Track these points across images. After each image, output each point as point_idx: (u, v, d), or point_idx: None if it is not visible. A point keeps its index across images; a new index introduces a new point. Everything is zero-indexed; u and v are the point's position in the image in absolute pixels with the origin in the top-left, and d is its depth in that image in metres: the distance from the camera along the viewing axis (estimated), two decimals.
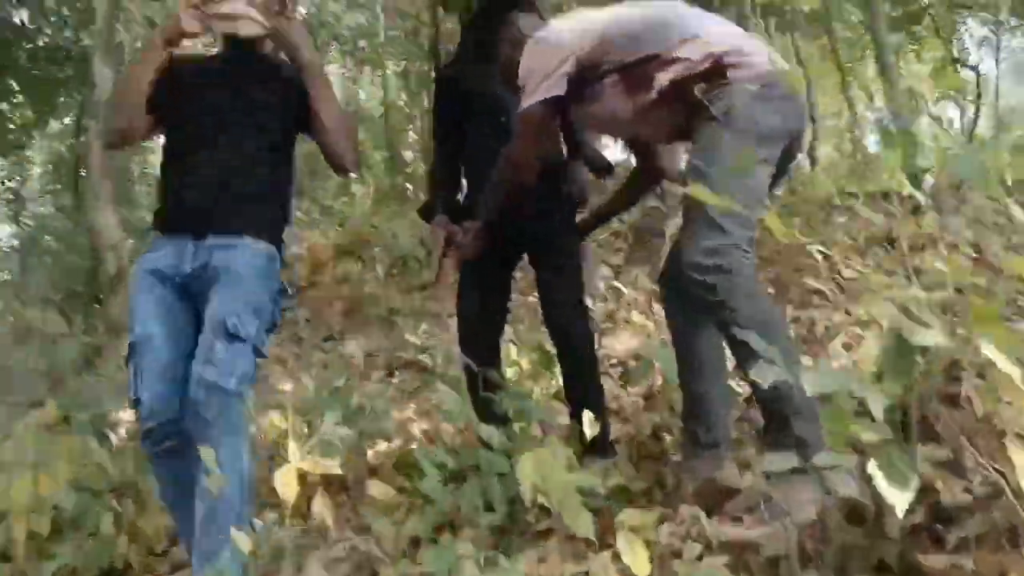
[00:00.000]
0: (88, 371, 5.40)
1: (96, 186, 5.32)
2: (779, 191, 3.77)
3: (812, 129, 16.98)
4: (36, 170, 19.36)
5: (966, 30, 16.53)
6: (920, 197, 1.29)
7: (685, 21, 1.86)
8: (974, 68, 15.88)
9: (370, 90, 23.55)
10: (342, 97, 23.93)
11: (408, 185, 14.36)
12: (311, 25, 16.45)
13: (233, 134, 1.98)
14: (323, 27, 16.76)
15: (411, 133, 21.61)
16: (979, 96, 15.47)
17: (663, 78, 1.82)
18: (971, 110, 16.75)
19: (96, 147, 5.27)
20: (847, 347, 2.87)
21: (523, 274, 4.14)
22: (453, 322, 5.78)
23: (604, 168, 2.57)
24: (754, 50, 1.82)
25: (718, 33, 1.85)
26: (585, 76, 1.92)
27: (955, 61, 15.61)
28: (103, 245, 5.32)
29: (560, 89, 1.89)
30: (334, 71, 22.38)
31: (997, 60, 16.59)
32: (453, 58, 2.63)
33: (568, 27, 1.99)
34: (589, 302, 2.51)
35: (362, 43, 17.74)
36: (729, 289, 1.63)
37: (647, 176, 2.46)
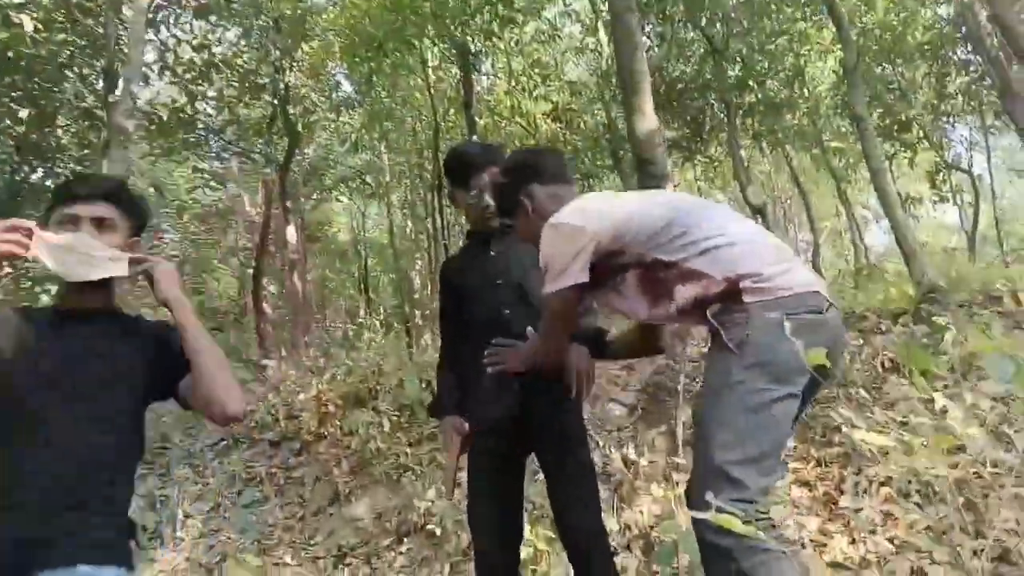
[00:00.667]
0: None
1: None
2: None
3: (813, 233, 17.23)
4: None
5: (956, 134, 16.93)
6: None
7: (707, 225, 1.76)
8: (967, 171, 16.19)
9: (376, 220, 24.18)
10: (351, 227, 24.62)
11: (418, 321, 14.50)
12: (318, 168, 17.05)
13: (75, 416, 1.55)
14: (330, 168, 17.29)
15: (417, 259, 22.01)
16: (977, 196, 15.68)
17: (681, 293, 1.73)
18: (970, 211, 16.97)
19: None
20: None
21: None
22: (463, 476, 5.59)
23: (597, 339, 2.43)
24: (777, 268, 1.69)
25: (741, 245, 1.74)
26: (605, 263, 1.83)
27: (948, 165, 15.94)
28: None
29: (585, 276, 1.80)
30: (343, 207, 23.12)
31: (989, 160, 16.88)
32: (456, 253, 2.58)
33: (588, 208, 1.90)
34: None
35: (368, 178, 18.27)
36: (741, 551, 1.45)
37: (647, 346, 2.32)
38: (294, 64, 13.76)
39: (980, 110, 15.41)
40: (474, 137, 11.77)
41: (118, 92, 7.48)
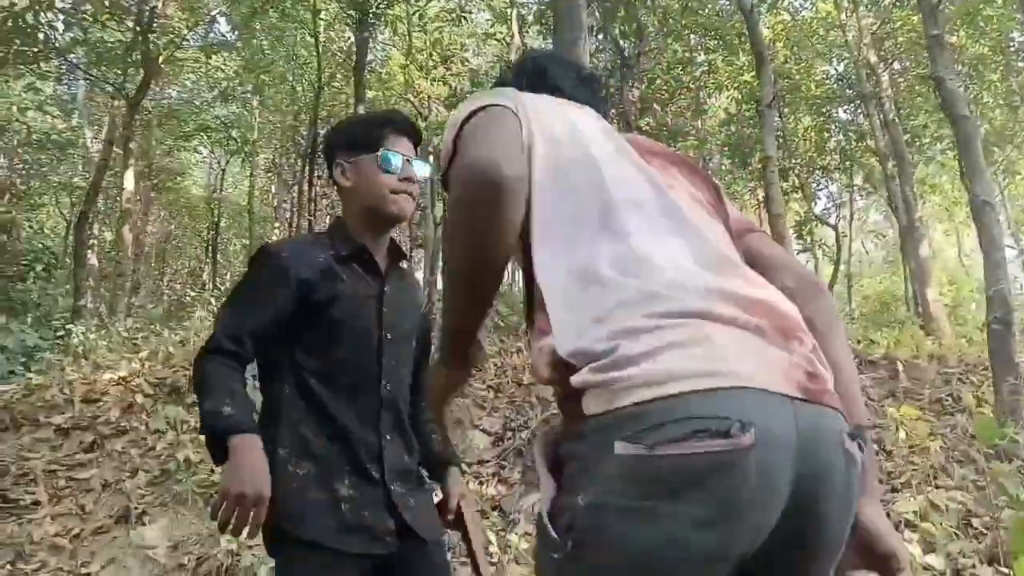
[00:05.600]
0: None
1: None
2: None
3: None
4: None
5: (826, 190, 17.76)
6: None
7: (611, 234, 1.00)
8: (833, 226, 16.97)
9: (236, 179, 22.43)
10: (207, 183, 22.61)
11: None
12: (179, 112, 15.33)
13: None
14: (193, 115, 15.56)
15: (276, 228, 20.66)
16: (839, 251, 16.45)
17: (535, 340, 1.01)
18: (827, 264, 17.84)
19: None
20: None
21: None
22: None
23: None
24: (666, 335, 0.87)
25: (630, 281, 0.94)
26: None
27: (816, 218, 16.61)
28: None
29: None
30: (201, 159, 21.17)
31: (851, 219, 17.84)
32: (316, 251, 1.71)
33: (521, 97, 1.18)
34: None
35: (234, 133, 16.68)
36: None
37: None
38: None
39: (851, 170, 16.16)
40: (360, 107, 10.77)
41: None
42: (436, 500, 1.79)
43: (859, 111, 13.81)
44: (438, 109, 13.37)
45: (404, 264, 1.86)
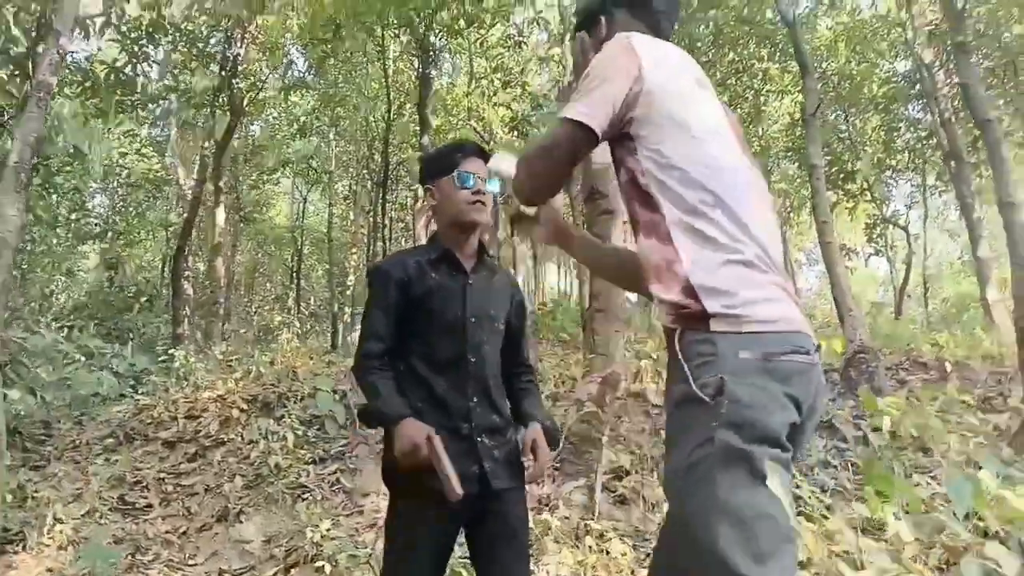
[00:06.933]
0: None
1: None
2: None
3: None
4: None
5: (897, 190, 17.33)
6: None
7: (729, 211, 1.41)
8: (904, 227, 16.56)
9: (316, 207, 23.52)
10: (290, 213, 23.77)
11: (346, 318, 13.94)
12: (262, 147, 16.34)
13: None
14: (275, 149, 16.59)
15: (354, 253, 21.45)
16: (910, 255, 16.03)
17: (642, 246, 1.45)
18: (899, 267, 17.41)
19: None
20: None
21: None
22: (367, 502, 5.20)
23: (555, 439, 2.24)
24: (761, 293, 1.36)
25: (743, 256, 1.38)
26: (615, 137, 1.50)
27: (885, 220, 16.26)
28: None
29: (598, 123, 1.45)
30: (284, 190, 22.34)
31: (925, 219, 17.34)
32: (412, 261, 2.18)
33: (668, 55, 1.54)
34: None
35: (313, 164, 17.65)
36: None
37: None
38: (247, 36, 13.13)
39: (923, 169, 15.78)
40: (425, 136, 11.39)
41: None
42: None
43: (926, 110, 13.56)
44: (501, 132, 13.90)
45: (490, 261, 2.28)
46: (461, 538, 2.15)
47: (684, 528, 1.27)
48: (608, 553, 3.18)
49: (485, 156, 2.22)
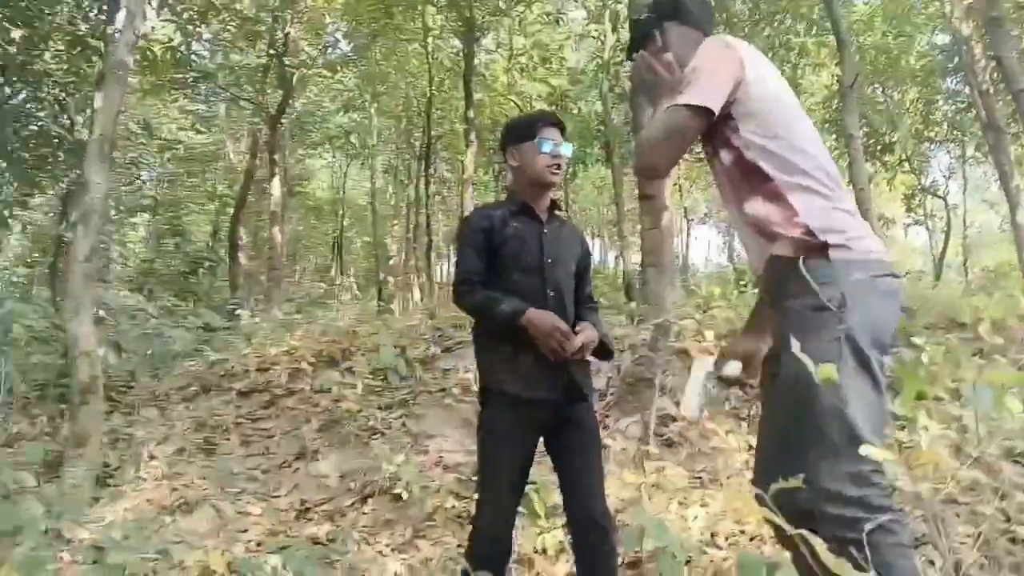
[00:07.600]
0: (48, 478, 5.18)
1: (75, 291, 5.20)
2: None
3: None
4: (13, 240, 19.23)
5: (935, 161, 17.28)
6: None
7: (824, 175, 1.75)
8: (943, 197, 16.57)
9: (356, 181, 24.01)
10: (331, 185, 24.33)
11: (391, 288, 14.43)
12: (306, 123, 16.84)
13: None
14: (318, 124, 17.08)
15: (395, 225, 21.90)
16: (949, 223, 16.06)
17: (754, 209, 1.77)
18: (938, 236, 17.39)
19: (79, 250, 5.18)
20: None
21: None
22: (432, 443, 5.66)
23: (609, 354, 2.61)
24: (860, 231, 1.71)
25: (836, 203, 1.73)
26: (716, 124, 1.80)
27: (924, 190, 16.29)
28: (77, 350, 5.18)
29: (715, 104, 1.74)
30: (325, 164, 22.88)
31: (965, 190, 17.30)
32: (497, 213, 2.54)
33: (755, 55, 1.87)
34: None
35: (354, 138, 18.11)
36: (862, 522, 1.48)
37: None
38: (294, 15, 13.56)
39: (962, 140, 15.76)
40: (470, 111, 11.75)
41: (118, 24, 7.33)
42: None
43: (964, 82, 13.56)
44: (540, 107, 14.19)
45: (560, 214, 2.67)
46: None
47: (813, 392, 1.50)
48: (666, 474, 3.59)
49: (561, 126, 2.58)
